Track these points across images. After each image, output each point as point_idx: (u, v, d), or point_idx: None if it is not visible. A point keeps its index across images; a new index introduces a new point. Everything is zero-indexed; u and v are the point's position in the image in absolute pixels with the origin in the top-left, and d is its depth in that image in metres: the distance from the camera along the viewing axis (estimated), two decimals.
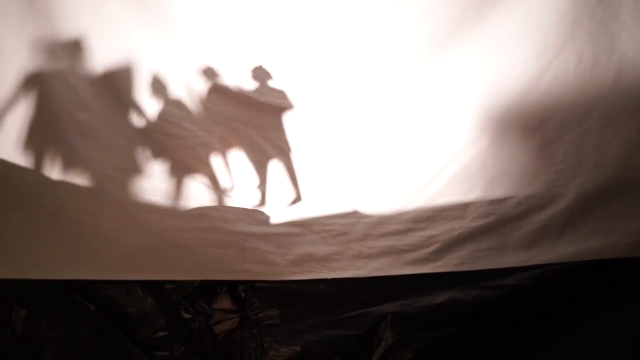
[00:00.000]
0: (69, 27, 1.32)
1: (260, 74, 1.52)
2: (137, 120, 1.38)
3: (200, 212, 1.27)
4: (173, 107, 1.42)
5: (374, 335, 1.12)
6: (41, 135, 1.27)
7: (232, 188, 1.42)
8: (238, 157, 1.45)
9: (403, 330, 1.11)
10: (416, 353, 1.10)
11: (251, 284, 1.20)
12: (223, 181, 1.42)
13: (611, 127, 1.32)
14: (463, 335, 1.14)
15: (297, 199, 1.41)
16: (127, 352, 1.12)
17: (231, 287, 1.21)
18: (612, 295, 1.19)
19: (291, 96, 1.51)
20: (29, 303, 1.15)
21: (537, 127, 1.38)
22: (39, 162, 1.26)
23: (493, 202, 1.28)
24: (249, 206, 1.37)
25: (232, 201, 1.36)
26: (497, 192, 1.31)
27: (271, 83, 1.51)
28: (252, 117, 1.47)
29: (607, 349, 1.12)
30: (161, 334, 1.15)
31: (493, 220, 1.26)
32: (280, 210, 1.34)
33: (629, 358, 1.11)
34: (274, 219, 1.31)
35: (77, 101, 1.31)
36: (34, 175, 1.25)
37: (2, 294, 1.15)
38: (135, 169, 1.30)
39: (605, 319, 1.16)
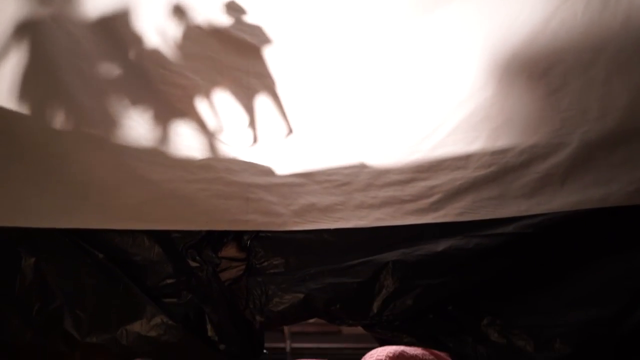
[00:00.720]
0: None
1: (264, 23, 1.50)
2: (138, 70, 1.37)
3: (204, 164, 1.28)
4: (176, 56, 1.41)
5: (375, 283, 1.15)
6: (43, 85, 1.27)
7: (236, 138, 1.42)
8: (241, 107, 1.44)
9: (404, 278, 1.14)
10: (416, 299, 1.13)
11: (256, 234, 1.22)
12: (228, 132, 1.42)
13: (617, 75, 1.30)
14: (463, 283, 1.16)
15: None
16: (136, 298, 1.15)
17: (236, 236, 1.23)
18: (612, 243, 1.19)
19: (298, 46, 1.49)
20: (38, 251, 1.18)
21: (543, 75, 1.36)
22: (41, 113, 1.26)
23: (496, 152, 1.28)
24: (253, 154, 1.37)
25: (235, 150, 1.36)
26: (501, 142, 1.30)
27: (275, 34, 1.49)
28: (255, 67, 1.46)
29: (608, 295, 1.14)
30: (168, 281, 1.18)
31: (495, 170, 1.26)
32: (283, 161, 1.35)
33: (629, 304, 1.13)
34: (278, 170, 1.32)
35: (77, 50, 1.30)
36: (38, 125, 1.26)
37: (11, 242, 1.19)
38: (138, 120, 1.31)
39: (605, 266, 1.18)
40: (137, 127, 1.30)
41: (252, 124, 1.41)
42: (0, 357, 1.21)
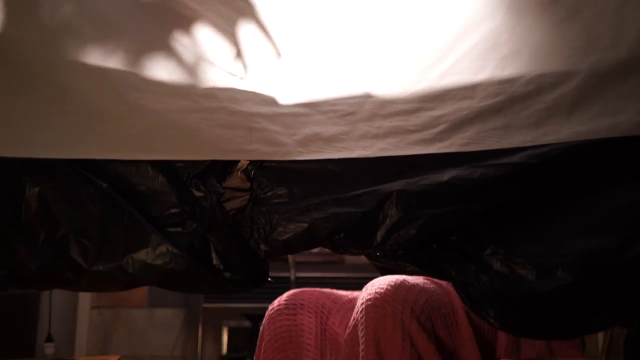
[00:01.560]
0: None
1: None
2: (140, 1, 1.34)
3: (208, 92, 1.26)
4: None
5: (379, 213, 1.15)
6: (42, 14, 1.24)
7: (240, 68, 1.39)
8: (245, 36, 1.41)
9: (408, 208, 1.14)
10: (420, 229, 1.13)
11: (260, 164, 1.22)
12: (231, 61, 1.39)
13: (630, 3, 1.27)
14: (467, 213, 1.17)
15: None
16: (141, 227, 1.16)
17: (240, 166, 1.23)
18: (618, 174, 1.19)
19: None
20: (42, 181, 1.17)
21: (553, 2, 1.32)
22: (42, 42, 1.24)
23: (503, 82, 1.26)
24: (256, 84, 1.35)
25: (238, 79, 1.34)
26: (508, 71, 1.28)
27: None
28: None
29: (612, 225, 1.14)
30: (173, 210, 1.19)
31: (502, 99, 1.24)
32: (287, 90, 1.33)
33: (633, 234, 1.13)
34: (282, 100, 1.30)
35: None
36: (39, 56, 1.23)
37: (14, 171, 1.18)
38: (140, 50, 1.28)
39: (611, 196, 1.17)
40: (139, 57, 1.28)
41: (255, 52, 1.38)
42: (9, 284, 1.24)
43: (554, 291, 1.08)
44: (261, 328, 1.62)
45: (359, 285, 1.75)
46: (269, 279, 1.28)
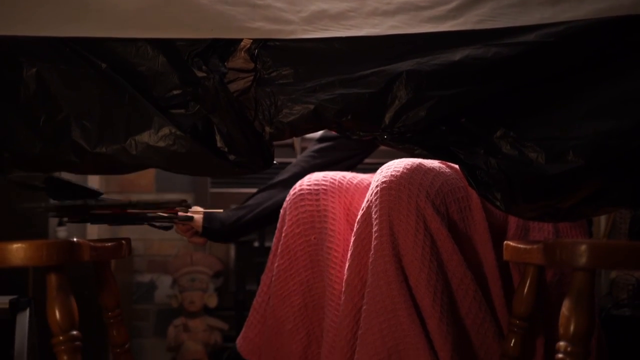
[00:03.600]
0: None
1: None
2: None
3: None
4: None
5: (388, 93, 1.11)
6: None
7: None
8: None
9: (418, 89, 1.10)
10: (429, 111, 1.10)
11: (263, 43, 1.17)
12: None
13: None
14: (478, 94, 1.13)
15: None
16: (143, 109, 1.13)
17: (244, 45, 1.18)
18: (637, 56, 1.14)
19: None
20: (39, 61, 1.13)
21: None
22: None
23: None
24: None
25: None
26: None
27: None
28: None
29: (626, 108, 1.11)
30: (175, 92, 1.15)
31: None
32: None
33: None
34: None
35: None
36: None
37: (10, 52, 1.14)
38: None
39: (627, 79, 1.13)
40: None
41: None
42: (13, 167, 1.23)
43: (563, 174, 1.06)
44: (282, 211, 1.63)
45: (366, 171, 1.74)
46: (274, 163, 1.26)
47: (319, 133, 1.91)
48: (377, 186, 1.34)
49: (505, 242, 1.31)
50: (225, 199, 2.91)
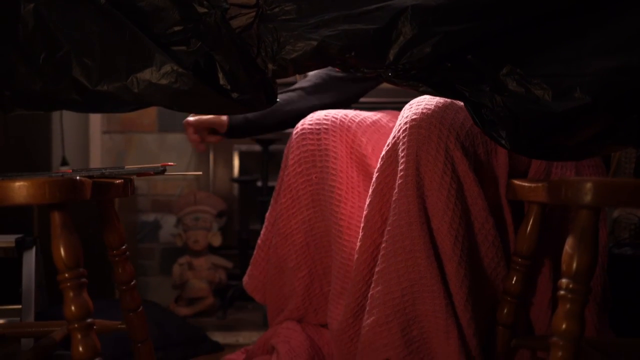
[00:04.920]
0: None
1: None
2: None
3: None
4: None
5: (392, 29, 1.08)
6: None
7: None
8: None
9: (423, 24, 1.07)
10: (435, 47, 1.07)
11: None
12: None
13: None
14: (485, 30, 1.10)
15: None
16: (144, 46, 1.11)
17: None
18: None
19: None
20: None
21: None
22: None
23: None
24: None
25: None
26: None
27: None
28: None
29: (635, 44, 1.08)
30: (176, 28, 1.13)
31: None
32: None
33: None
34: None
35: None
36: None
37: None
38: None
39: (636, 14, 1.10)
40: None
41: None
42: (15, 106, 1.22)
43: (570, 111, 1.04)
44: (285, 151, 1.63)
45: (368, 109, 1.72)
46: (277, 101, 1.25)
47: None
48: (406, 123, 1.30)
49: (509, 180, 1.31)
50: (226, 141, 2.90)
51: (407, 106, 1.36)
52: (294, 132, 1.60)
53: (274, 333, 1.63)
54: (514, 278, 1.31)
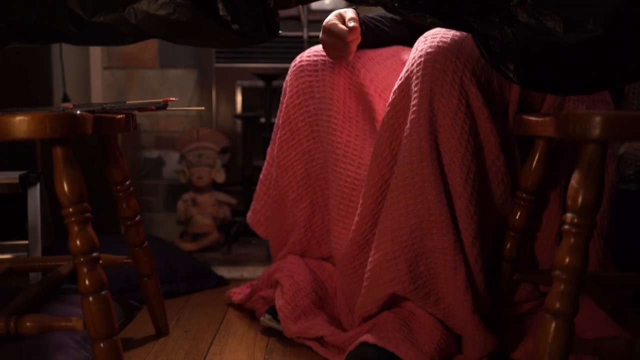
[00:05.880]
0: None
1: None
2: None
3: None
4: None
5: None
6: None
7: None
8: None
9: None
10: None
11: None
12: None
13: None
14: None
15: None
16: None
17: None
18: None
19: None
20: None
21: None
22: None
23: None
24: None
25: None
26: None
27: None
28: None
29: None
30: None
31: None
32: None
33: None
34: None
35: None
36: None
37: None
38: None
39: None
40: None
41: None
42: (10, 39, 1.19)
43: (582, 43, 1.01)
44: (284, 84, 1.62)
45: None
46: (279, 33, 1.22)
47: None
48: (420, 56, 1.26)
49: (517, 114, 1.29)
50: (232, 74, 2.86)
51: (421, 38, 1.32)
52: (292, 65, 1.58)
53: (277, 268, 1.65)
54: (518, 213, 1.30)
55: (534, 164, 1.27)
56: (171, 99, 1.22)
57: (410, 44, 1.46)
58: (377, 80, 1.47)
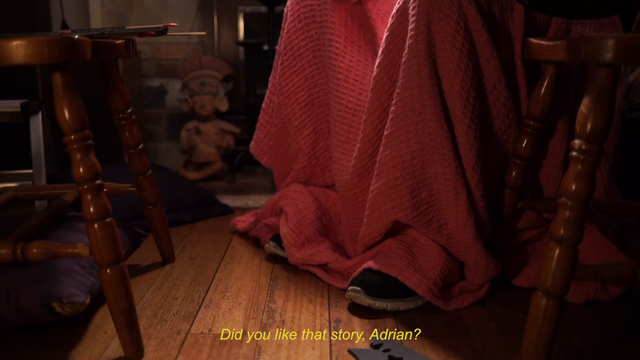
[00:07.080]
0: None
1: None
2: None
3: None
4: None
5: None
6: None
7: None
8: None
9: None
10: None
11: None
12: None
13: None
14: None
15: None
16: None
17: None
18: None
19: None
20: None
21: None
22: None
23: None
24: None
25: None
26: None
27: None
28: None
29: None
30: None
31: None
32: None
33: None
34: None
35: None
36: None
37: None
38: None
39: None
40: None
41: None
42: None
43: None
44: (285, 9, 1.58)
45: None
46: None
47: None
48: None
49: (526, 39, 1.25)
50: (230, 3, 2.79)
51: None
52: None
53: (281, 196, 1.65)
54: (525, 141, 1.29)
55: (543, 90, 1.24)
56: (171, 24, 1.18)
57: None
58: (380, 3, 1.43)
